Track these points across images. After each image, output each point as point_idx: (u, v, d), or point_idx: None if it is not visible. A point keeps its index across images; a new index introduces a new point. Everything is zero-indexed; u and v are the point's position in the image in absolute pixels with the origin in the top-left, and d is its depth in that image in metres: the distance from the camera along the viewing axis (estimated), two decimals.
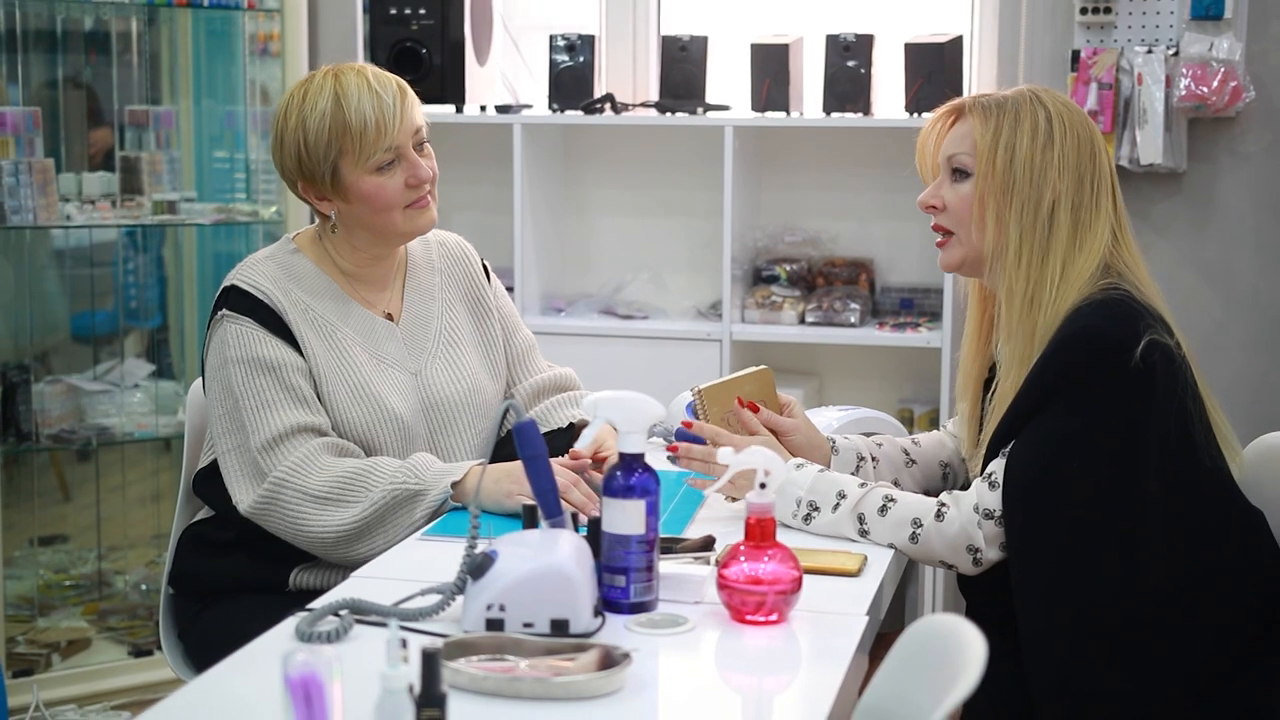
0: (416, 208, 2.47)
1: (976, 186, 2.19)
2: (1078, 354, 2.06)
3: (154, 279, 4.52)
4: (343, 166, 2.41)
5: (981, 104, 2.20)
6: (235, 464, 2.40)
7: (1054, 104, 2.18)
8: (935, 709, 1.37)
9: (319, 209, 2.49)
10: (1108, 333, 2.06)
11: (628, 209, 4.19)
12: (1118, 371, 2.03)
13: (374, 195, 2.42)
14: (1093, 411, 2.04)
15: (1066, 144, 2.15)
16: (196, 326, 4.40)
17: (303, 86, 2.45)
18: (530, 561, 1.83)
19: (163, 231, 4.30)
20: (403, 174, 2.43)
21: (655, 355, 3.82)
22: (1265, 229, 3.84)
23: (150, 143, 4.21)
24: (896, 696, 1.54)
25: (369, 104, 2.39)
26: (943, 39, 3.75)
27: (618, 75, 4.18)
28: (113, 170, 4.06)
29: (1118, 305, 2.09)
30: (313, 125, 2.40)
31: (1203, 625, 2.06)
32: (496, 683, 1.66)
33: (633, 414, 1.93)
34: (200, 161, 4.35)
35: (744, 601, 1.87)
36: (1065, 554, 2.04)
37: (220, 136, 4.39)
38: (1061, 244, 2.14)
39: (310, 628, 1.83)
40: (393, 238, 2.50)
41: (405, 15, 3.80)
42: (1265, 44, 3.79)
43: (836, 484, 2.23)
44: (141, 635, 4.06)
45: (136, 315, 4.51)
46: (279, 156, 2.47)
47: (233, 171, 4.38)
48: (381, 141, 2.39)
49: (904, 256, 4.04)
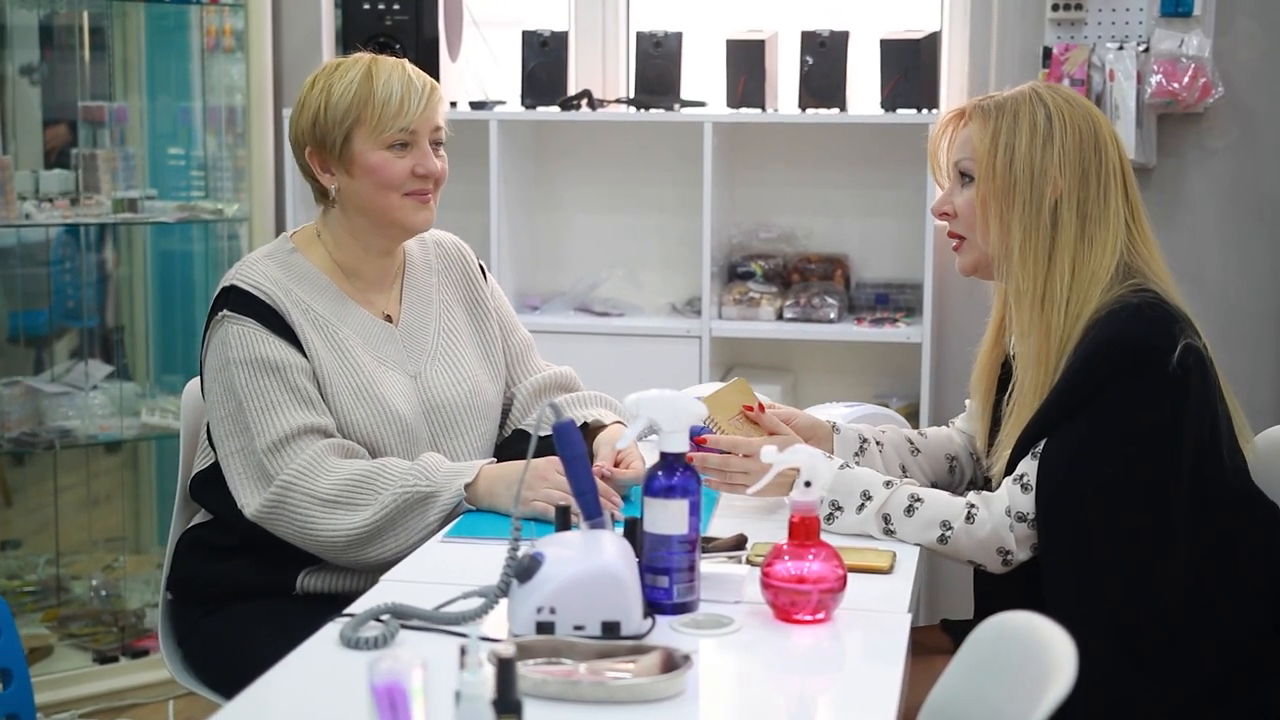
0: (416, 199, 2.45)
1: (978, 190, 2.19)
2: (1117, 360, 2.06)
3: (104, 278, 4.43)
4: (356, 136, 2.41)
5: (982, 106, 2.20)
6: (240, 467, 2.35)
7: (1054, 101, 2.17)
8: (1032, 711, 1.36)
9: (320, 181, 2.46)
10: (1146, 340, 2.06)
11: (601, 205, 4.17)
12: (1156, 378, 2.04)
13: (378, 169, 2.41)
14: (1130, 418, 2.04)
15: (1068, 140, 2.15)
16: (152, 327, 4.33)
17: (336, 62, 2.47)
18: (579, 563, 1.80)
19: (116, 230, 4.21)
20: (412, 160, 2.43)
21: (633, 352, 3.80)
22: (1233, 223, 3.88)
23: (105, 139, 4.13)
24: (973, 696, 1.53)
25: (398, 83, 2.41)
26: (918, 35, 3.76)
27: (588, 72, 4.16)
28: (68, 167, 3.98)
29: (1152, 310, 2.09)
30: (338, 91, 2.41)
31: (1226, 623, 2.07)
32: (559, 686, 1.64)
33: (675, 413, 1.91)
34: (154, 159, 4.27)
35: (792, 601, 1.86)
36: (1098, 556, 2.04)
37: (174, 133, 4.32)
38: (1069, 242, 2.14)
39: (354, 633, 1.80)
40: (389, 228, 2.47)
41: (379, 10, 3.76)
42: (1233, 41, 3.83)
43: (860, 482, 2.22)
44: (105, 641, 3.99)
45: (78, 315, 4.43)
46: (296, 120, 2.46)
47: (188, 169, 4.31)
48: (399, 120, 2.40)
49: (878, 252, 4.04)
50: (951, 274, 3.96)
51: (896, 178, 3.97)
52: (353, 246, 2.49)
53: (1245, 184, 3.88)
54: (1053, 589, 2.07)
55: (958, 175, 2.25)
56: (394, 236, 2.51)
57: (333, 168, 2.44)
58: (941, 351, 3.89)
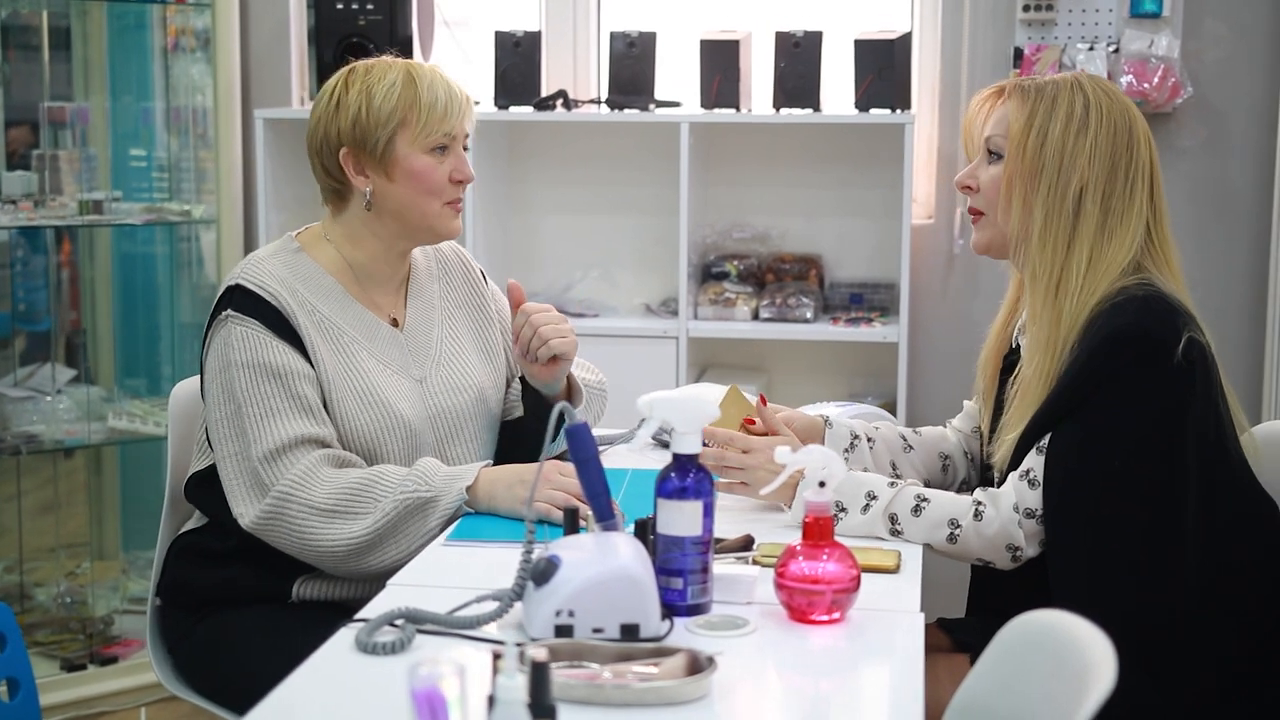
0: (453, 208, 2.46)
1: (1006, 168, 2.19)
2: (1122, 353, 2.06)
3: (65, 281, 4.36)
4: (400, 138, 2.39)
5: (1021, 87, 2.20)
6: (235, 472, 2.32)
7: (1095, 92, 2.18)
8: (1074, 712, 1.35)
9: (353, 183, 2.43)
10: (1152, 332, 2.07)
11: (575, 206, 4.16)
12: (1161, 370, 2.05)
13: (423, 174, 2.41)
14: (1137, 410, 2.05)
15: (1101, 132, 2.15)
16: (116, 330, 4.27)
17: (365, 66, 2.44)
18: (597, 566, 1.79)
19: (76, 232, 4.15)
20: (450, 165, 2.43)
21: (610, 353, 3.78)
22: (1200, 222, 3.92)
23: (68, 140, 4.08)
24: (1004, 695, 1.53)
25: (441, 87, 2.42)
26: (892, 35, 3.76)
27: (561, 72, 4.14)
28: (30, 169, 3.92)
29: (1156, 302, 2.10)
30: (380, 92, 2.39)
31: (1230, 619, 2.09)
32: (584, 690, 1.63)
33: (689, 413, 1.90)
34: (116, 160, 4.22)
35: (809, 602, 1.86)
36: (1106, 550, 2.05)
37: (135, 134, 4.27)
38: (1089, 232, 2.14)
39: (370, 638, 1.78)
40: (420, 232, 2.47)
41: (353, 10, 3.73)
42: (1200, 42, 3.87)
43: (864, 484, 2.22)
44: (72, 649, 3.93)
45: (36, 319, 4.36)
46: (327, 121, 2.42)
47: (150, 170, 4.26)
48: (445, 124, 2.40)
49: (852, 252, 4.05)
50: (926, 273, 3.98)
51: (870, 177, 3.98)
52: (373, 247, 2.47)
53: (1214, 183, 3.92)
54: (1061, 581, 2.07)
55: (986, 152, 2.25)
56: (421, 240, 2.50)
57: (370, 170, 2.41)
58: (917, 351, 3.90)
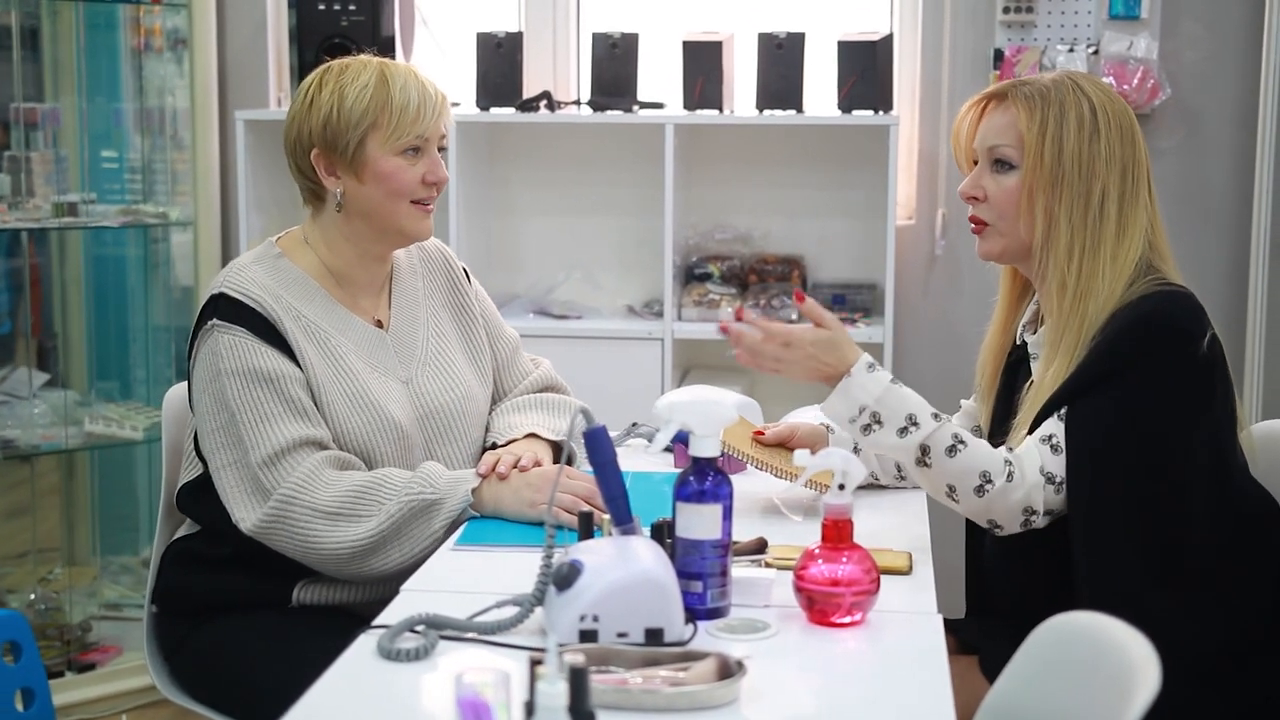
0: (422, 209, 2.43)
1: (1024, 180, 2.18)
2: (1153, 336, 2.09)
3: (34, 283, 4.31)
4: (370, 140, 2.37)
5: (1024, 93, 2.18)
6: (234, 480, 2.30)
7: (1096, 93, 2.18)
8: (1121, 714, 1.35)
9: (324, 184, 2.41)
10: (1180, 322, 2.10)
11: (557, 207, 4.14)
12: (1188, 358, 2.08)
13: (392, 176, 2.38)
14: (1162, 389, 2.07)
15: (1111, 135, 2.16)
16: (88, 334, 4.22)
17: (340, 65, 2.42)
18: (620, 570, 1.78)
19: (46, 234, 4.10)
20: (423, 168, 2.40)
21: (595, 355, 3.78)
22: (1179, 223, 3.93)
23: (39, 142, 4.03)
24: (1039, 699, 1.53)
25: (414, 88, 2.38)
26: (875, 37, 3.77)
27: (542, 73, 4.13)
28: (2, 170, 3.87)
29: (1185, 300, 2.13)
30: (351, 94, 2.36)
31: (1236, 600, 2.12)
32: (613, 695, 1.62)
33: (707, 416, 1.89)
34: (87, 161, 4.17)
35: (830, 604, 1.86)
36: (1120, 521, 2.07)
37: (107, 135, 4.22)
38: (1110, 236, 2.16)
39: (391, 645, 1.76)
40: (390, 234, 2.44)
41: (335, 11, 3.71)
42: (1178, 44, 3.90)
43: (908, 405, 2.10)
44: (50, 656, 3.88)
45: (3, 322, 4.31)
46: (299, 122, 2.40)
47: (122, 171, 4.22)
48: (417, 126, 2.37)
49: (834, 253, 4.06)
50: (907, 274, 3.99)
51: (852, 178, 3.99)
52: (347, 251, 2.45)
53: (1193, 183, 3.95)
54: (1087, 547, 2.08)
55: (990, 160, 2.23)
56: (393, 243, 2.48)
57: (340, 171, 2.39)
58: (902, 351, 3.91)
